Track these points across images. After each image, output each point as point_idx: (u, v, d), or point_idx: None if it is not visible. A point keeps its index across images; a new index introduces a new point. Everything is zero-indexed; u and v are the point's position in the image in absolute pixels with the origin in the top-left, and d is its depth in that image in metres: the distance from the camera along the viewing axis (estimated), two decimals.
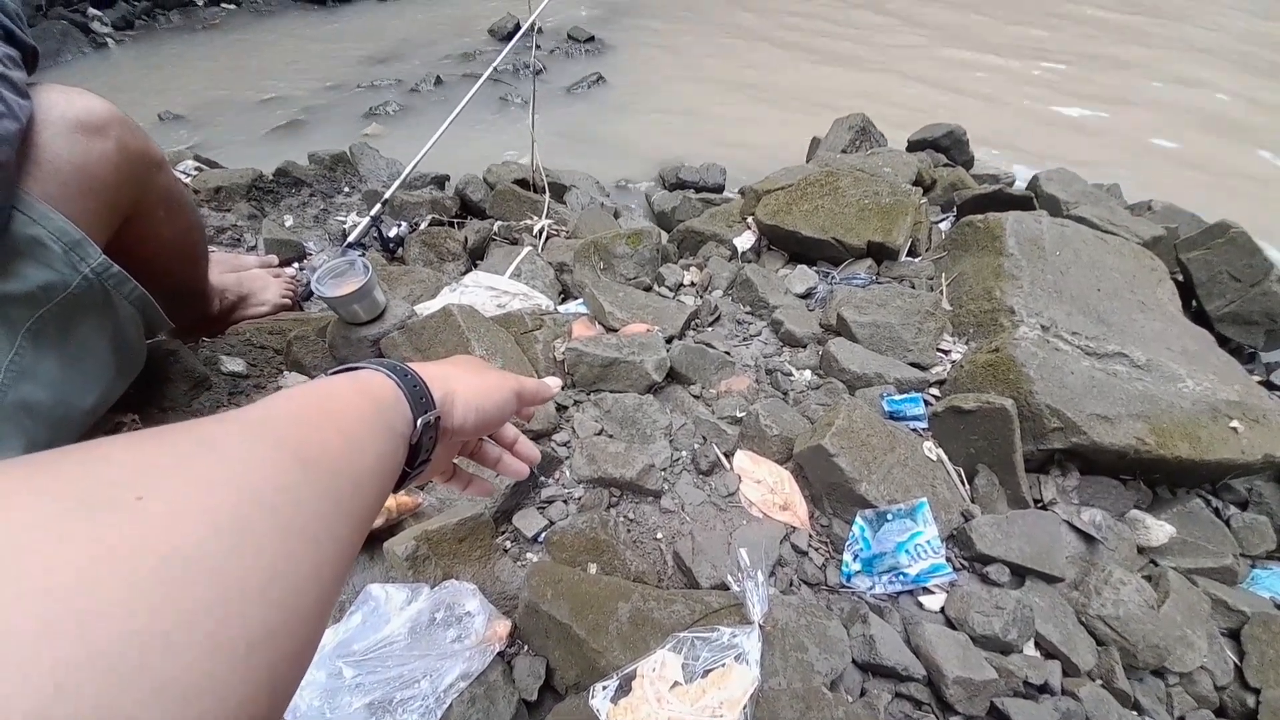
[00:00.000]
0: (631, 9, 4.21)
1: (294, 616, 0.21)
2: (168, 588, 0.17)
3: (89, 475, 0.19)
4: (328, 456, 0.26)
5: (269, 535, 0.21)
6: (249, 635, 0.19)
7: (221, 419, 0.25)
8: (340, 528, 0.25)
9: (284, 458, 0.24)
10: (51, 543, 0.16)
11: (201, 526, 0.19)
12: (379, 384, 0.34)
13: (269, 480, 0.22)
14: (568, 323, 1.16)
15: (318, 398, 0.30)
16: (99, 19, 4.12)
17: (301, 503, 0.23)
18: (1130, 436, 0.91)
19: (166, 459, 0.21)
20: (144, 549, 0.17)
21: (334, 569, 0.24)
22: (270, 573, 0.20)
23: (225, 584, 0.19)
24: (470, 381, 0.41)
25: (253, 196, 1.75)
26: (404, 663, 0.59)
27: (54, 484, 0.18)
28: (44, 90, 0.67)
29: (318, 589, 0.23)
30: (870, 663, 0.71)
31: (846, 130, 1.99)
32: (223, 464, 0.22)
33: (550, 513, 0.86)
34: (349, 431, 0.29)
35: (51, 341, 0.67)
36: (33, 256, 0.63)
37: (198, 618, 0.18)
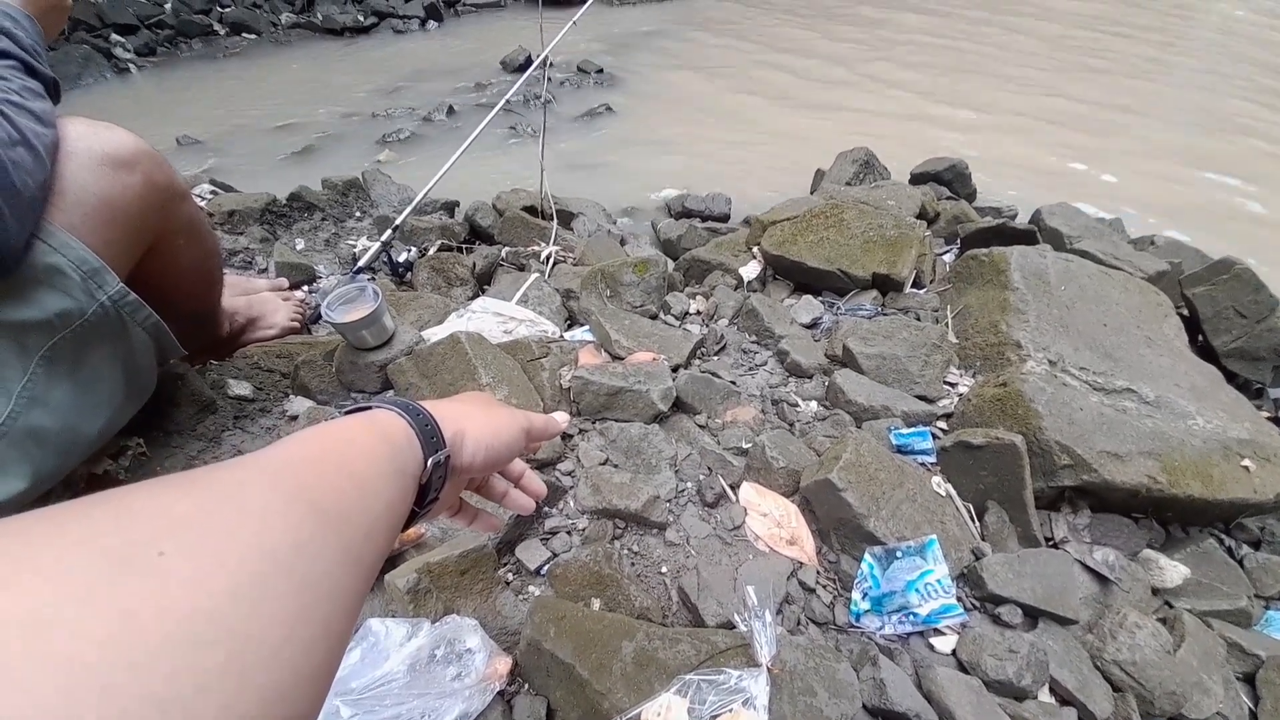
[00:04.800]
0: (639, 43, 4.33)
1: (305, 677, 0.21)
2: (187, 651, 0.17)
3: (113, 531, 0.19)
4: (342, 504, 0.26)
5: (285, 594, 0.21)
6: (263, 698, 0.19)
7: (241, 465, 0.25)
8: (351, 578, 0.25)
9: (300, 510, 0.24)
10: (76, 608, 0.16)
11: (221, 587, 0.19)
12: (392, 424, 0.34)
13: (286, 536, 0.23)
14: (574, 350, 1.16)
15: (333, 442, 0.30)
16: (122, 45, 4.25)
17: (316, 557, 0.23)
18: (1141, 474, 0.90)
19: (188, 511, 0.21)
20: (165, 611, 0.18)
21: (344, 623, 0.25)
22: (285, 633, 0.21)
23: (242, 647, 0.19)
24: (480, 419, 0.41)
25: (266, 220, 1.78)
26: (402, 701, 0.57)
27: (79, 542, 0.18)
28: (72, 122, 0.69)
29: (328, 645, 0.23)
30: (881, 708, 0.69)
31: (850, 163, 2.02)
32: (241, 518, 0.22)
33: (554, 544, 0.85)
34: (363, 477, 0.29)
35: (65, 369, 0.67)
36: (51, 284, 0.64)
37: (214, 681, 0.18)
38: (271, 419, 1.01)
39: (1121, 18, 4.71)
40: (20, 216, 0.61)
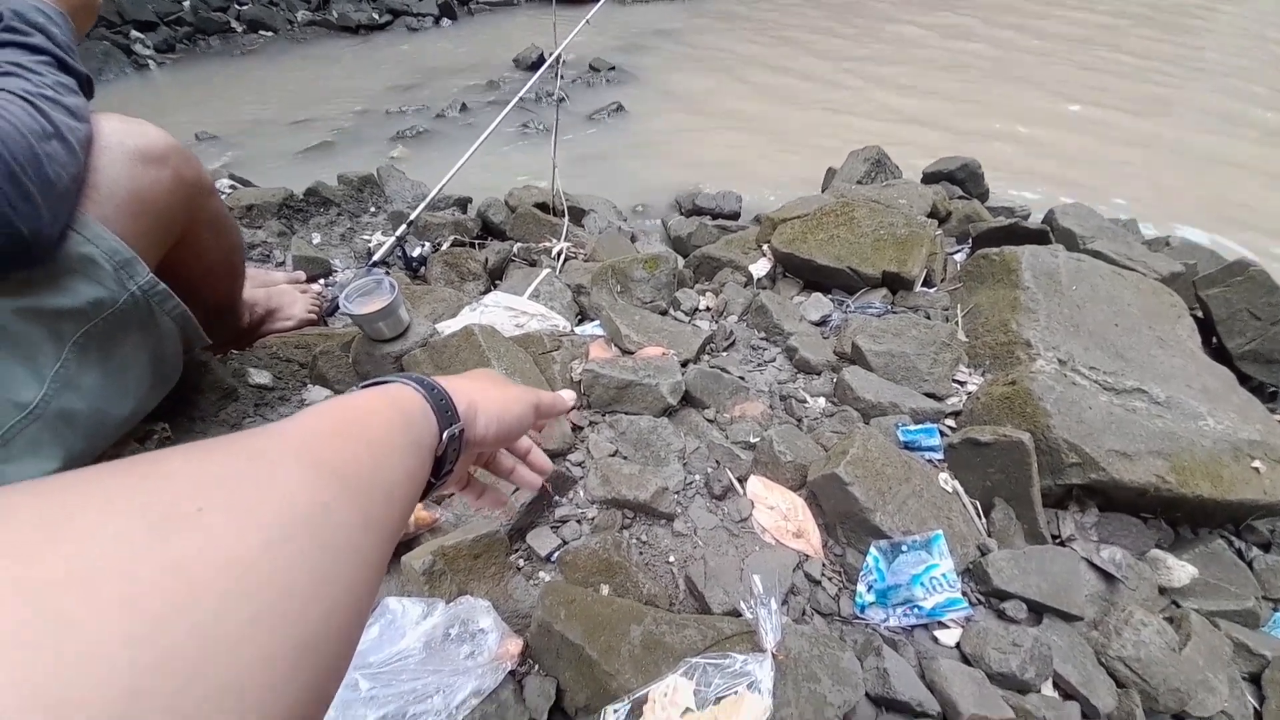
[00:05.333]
0: (652, 42, 4.33)
1: (334, 628, 0.22)
2: (227, 597, 0.19)
3: (153, 490, 0.20)
4: (362, 473, 0.27)
5: (312, 553, 0.22)
6: (296, 644, 0.20)
7: (265, 434, 0.26)
8: (373, 543, 0.26)
9: (324, 476, 0.25)
10: (126, 558, 0.18)
11: (255, 540, 0.20)
12: (408, 398, 0.35)
13: (311, 500, 0.23)
14: (585, 344, 1.18)
15: (352, 414, 0.31)
16: (141, 41, 4.32)
17: (339, 520, 0.24)
18: (1150, 474, 0.90)
19: (220, 473, 0.22)
20: (206, 563, 0.19)
21: (367, 584, 0.26)
22: (314, 586, 0.22)
23: (276, 599, 0.20)
24: (491, 394, 0.42)
25: (283, 214, 1.81)
26: (418, 677, 0.59)
27: (123, 499, 0.19)
28: (106, 118, 0.71)
29: (354, 602, 0.24)
30: (884, 696, 0.70)
31: (862, 162, 2.02)
32: (270, 480, 0.23)
33: (564, 532, 0.87)
34: (381, 448, 0.30)
35: (96, 355, 0.69)
36: (84, 273, 0.67)
37: (253, 626, 0.19)
38: (290, 407, 1.03)
39: (1143, 19, 4.65)
40: (54, 207, 0.63)
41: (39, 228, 0.62)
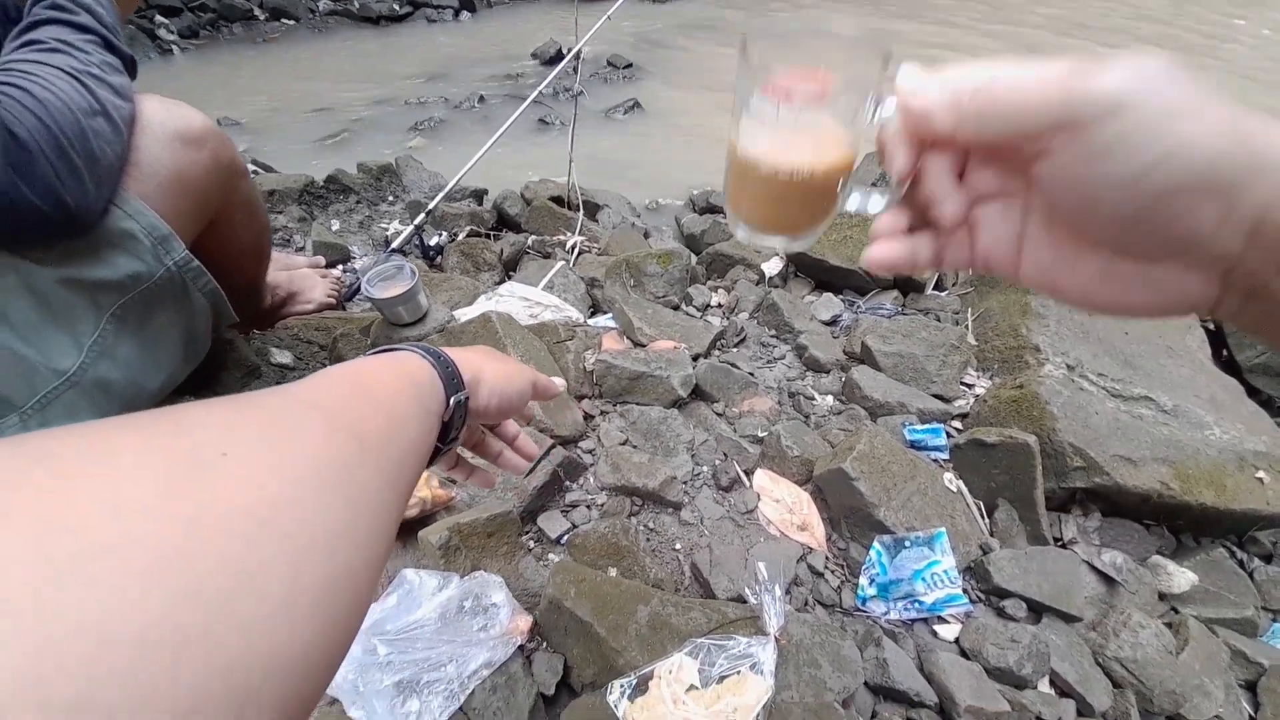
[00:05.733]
0: (669, 39, 4.34)
1: (352, 574, 0.23)
2: (254, 539, 0.19)
3: (180, 436, 0.21)
4: (375, 434, 0.27)
5: (334, 500, 0.23)
6: (318, 583, 0.21)
7: (284, 392, 0.26)
8: (388, 498, 0.27)
9: (341, 433, 0.25)
10: (157, 493, 0.18)
11: (278, 485, 0.21)
12: (417, 365, 0.35)
13: (331, 452, 0.24)
14: (598, 335, 1.20)
15: (365, 378, 0.31)
16: (166, 27, 4.38)
17: (357, 474, 0.25)
18: (1154, 480, 0.91)
19: (243, 424, 0.23)
20: (233, 504, 0.19)
21: (384, 536, 0.26)
22: (336, 532, 0.22)
23: (299, 537, 0.21)
24: (494, 367, 0.42)
25: (304, 200, 1.84)
26: (432, 646, 0.62)
27: (154, 442, 0.20)
28: (149, 100, 0.74)
29: (370, 552, 0.24)
30: (883, 685, 0.72)
31: (878, 165, 2.02)
32: (290, 434, 0.24)
33: (574, 516, 0.89)
34: (391, 411, 0.30)
35: (132, 327, 0.72)
36: (124, 248, 0.69)
37: (278, 563, 0.20)
38: None
39: (1166, 30, 4.61)
40: (98, 182, 0.66)
41: (84, 201, 0.64)
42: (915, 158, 0.28)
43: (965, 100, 0.26)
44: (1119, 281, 0.26)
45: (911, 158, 0.28)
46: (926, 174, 0.29)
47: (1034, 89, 0.24)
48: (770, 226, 0.35)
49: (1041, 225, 0.27)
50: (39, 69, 0.63)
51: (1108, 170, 0.23)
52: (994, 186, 0.28)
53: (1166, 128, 0.22)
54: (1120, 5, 4.84)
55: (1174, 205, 0.22)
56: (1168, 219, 0.23)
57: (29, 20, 0.67)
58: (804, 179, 0.32)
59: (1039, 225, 0.28)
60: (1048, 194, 0.26)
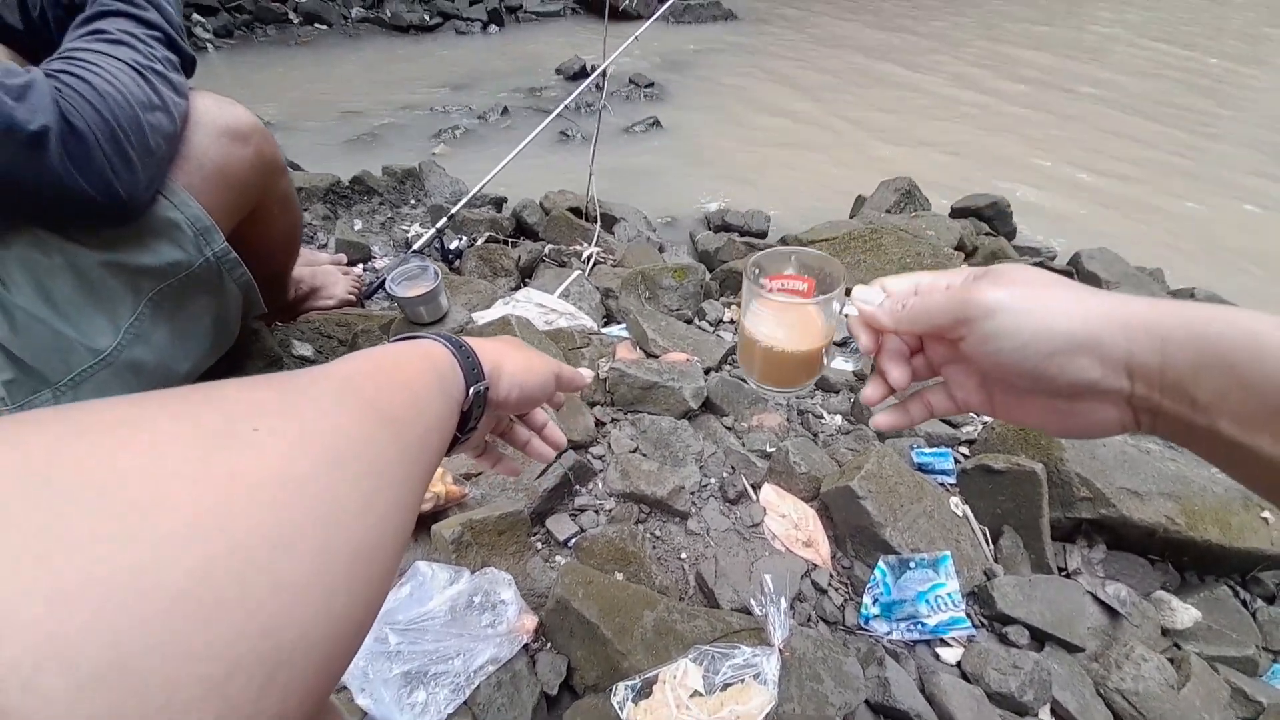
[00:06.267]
0: (691, 61, 4.43)
1: (379, 547, 0.23)
2: (284, 505, 0.20)
3: (211, 410, 0.21)
4: (401, 415, 0.28)
5: (361, 475, 0.23)
6: (347, 554, 0.21)
7: (310, 374, 0.27)
8: (411, 476, 0.27)
9: (367, 413, 0.26)
10: (191, 464, 0.19)
11: (308, 458, 0.22)
12: (438, 353, 0.36)
13: (355, 429, 0.25)
14: (612, 344, 1.22)
15: (389, 362, 0.32)
16: (202, 25, 4.50)
17: (383, 453, 0.25)
18: (1160, 514, 0.91)
19: (273, 401, 0.23)
20: (264, 475, 0.20)
21: (408, 513, 0.27)
22: (360, 506, 0.23)
23: (328, 511, 0.21)
24: (516, 358, 0.43)
25: (329, 199, 1.88)
26: (441, 639, 0.63)
27: (186, 414, 0.21)
28: (200, 95, 0.77)
29: (394, 527, 0.25)
30: (883, 704, 0.72)
31: (892, 192, 2.05)
32: (317, 410, 0.24)
33: (582, 520, 0.90)
34: (414, 394, 0.31)
35: (167, 312, 0.75)
36: (168, 236, 0.72)
37: (309, 532, 0.20)
38: None
39: (1190, 64, 4.66)
40: (150, 173, 0.69)
41: (135, 191, 0.67)
42: (874, 340, 0.41)
43: (899, 310, 0.38)
44: (1058, 414, 0.35)
45: (870, 340, 0.41)
46: (882, 353, 0.41)
47: (939, 300, 0.36)
48: (772, 383, 0.49)
49: (990, 379, 0.38)
50: (103, 60, 0.66)
51: (998, 347, 0.33)
52: (946, 355, 0.39)
53: (1029, 320, 0.32)
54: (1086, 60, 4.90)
55: (1054, 363, 0.32)
56: (1055, 373, 0.32)
57: (97, 9, 0.70)
58: (793, 353, 0.45)
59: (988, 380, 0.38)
60: (973, 361, 0.36)
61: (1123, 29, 5.30)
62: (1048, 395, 0.34)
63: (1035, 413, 0.36)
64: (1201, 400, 0.29)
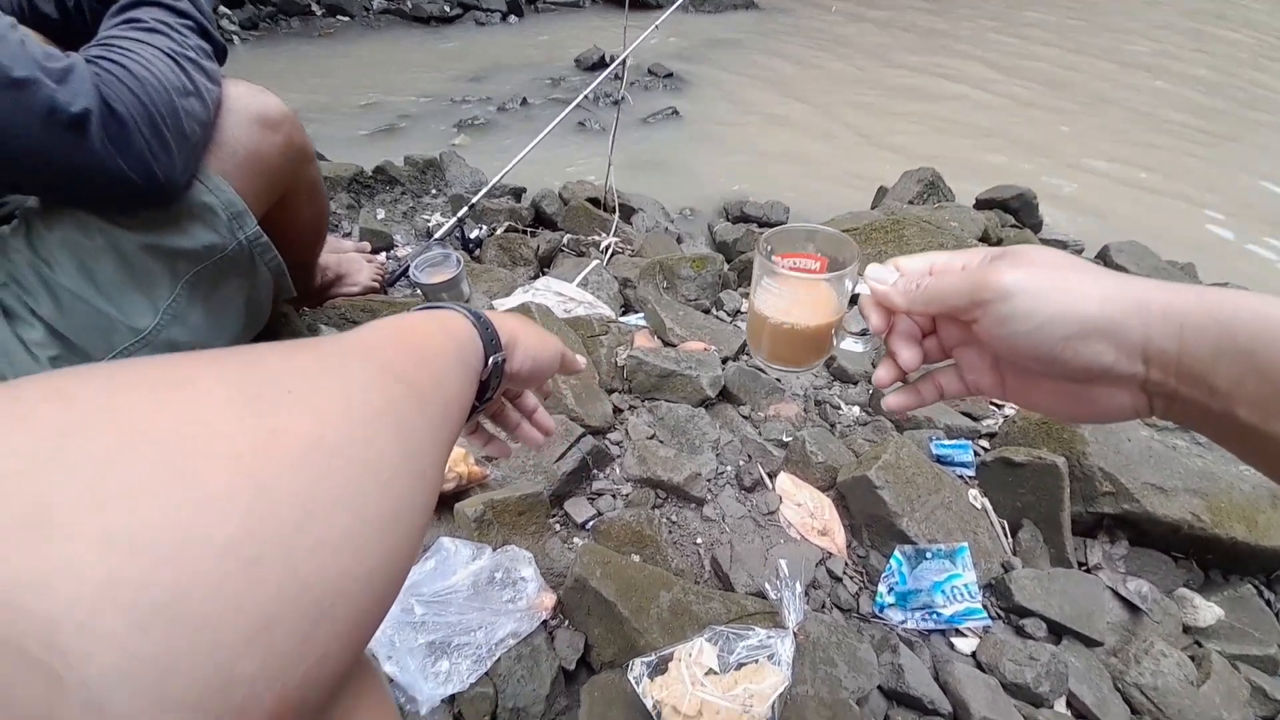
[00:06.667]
0: (710, 51, 4.39)
1: (409, 508, 0.24)
2: (319, 466, 0.20)
3: (251, 370, 0.22)
4: (422, 384, 0.28)
5: (390, 439, 0.24)
6: (381, 514, 0.22)
7: (337, 342, 0.27)
8: (436, 442, 0.28)
9: (390, 379, 0.26)
10: (231, 422, 0.19)
11: (340, 422, 0.22)
12: (458, 323, 0.36)
13: (383, 394, 0.25)
14: (630, 332, 1.22)
15: (410, 333, 0.32)
16: (228, 17, 4.57)
17: (409, 418, 0.26)
18: (1185, 510, 0.90)
19: (306, 366, 0.24)
20: (300, 435, 0.20)
21: (434, 478, 0.27)
22: (393, 468, 0.23)
23: (361, 473, 0.22)
24: (528, 333, 0.43)
25: (353, 189, 1.91)
26: (464, 612, 0.65)
27: (224, 376, 0.21)
28: (232, 83, 0.79)
29: (420, 491, 0.25)
30: (897, 691, 0.73)
31: (915, 182, 2.02)
32: (346, 376, 0.24)
33: (599, 504, 0.91)
34: (436, 364, 0.31)
35: (202, 294, 0.77)
36: (203, 219, 0.74)
37: (343, 492, 0.20)
38: None
39: (1225, 56, 4.50)
40: (185, 158, 0.71)
41: (172, 174, 0.69)
42: (885, 320, 0.40)
43: (912, 289, 0.37)
44: (1070, 398, 0.35)
45: (882, 320, 0.40)
46: (894, 334, 0.40)
47: (954, 281, 0.35)
48: (780, 360, 0.49)
49: (1002, 363, 0.38)
50: (140, 47, 0.68)
51: (1012, 330, 0.33)
52: (958, 337, 0.39)
53: (1045, 302, 0.32)
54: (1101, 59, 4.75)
55: (1069, 347, 0.32)
56: (1070, 357, 0.32)
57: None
58: (801, 330, 0.45)
59: (1000, 363, 0.38)
60: (986, 344, 0.36)
61: (1154, 21, 5.13)
62: (1061, 379, 0.34)
63: (1047, 396, 0.36)
64: (1219, 387, 0.29)
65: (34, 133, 0.59)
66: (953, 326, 0.39)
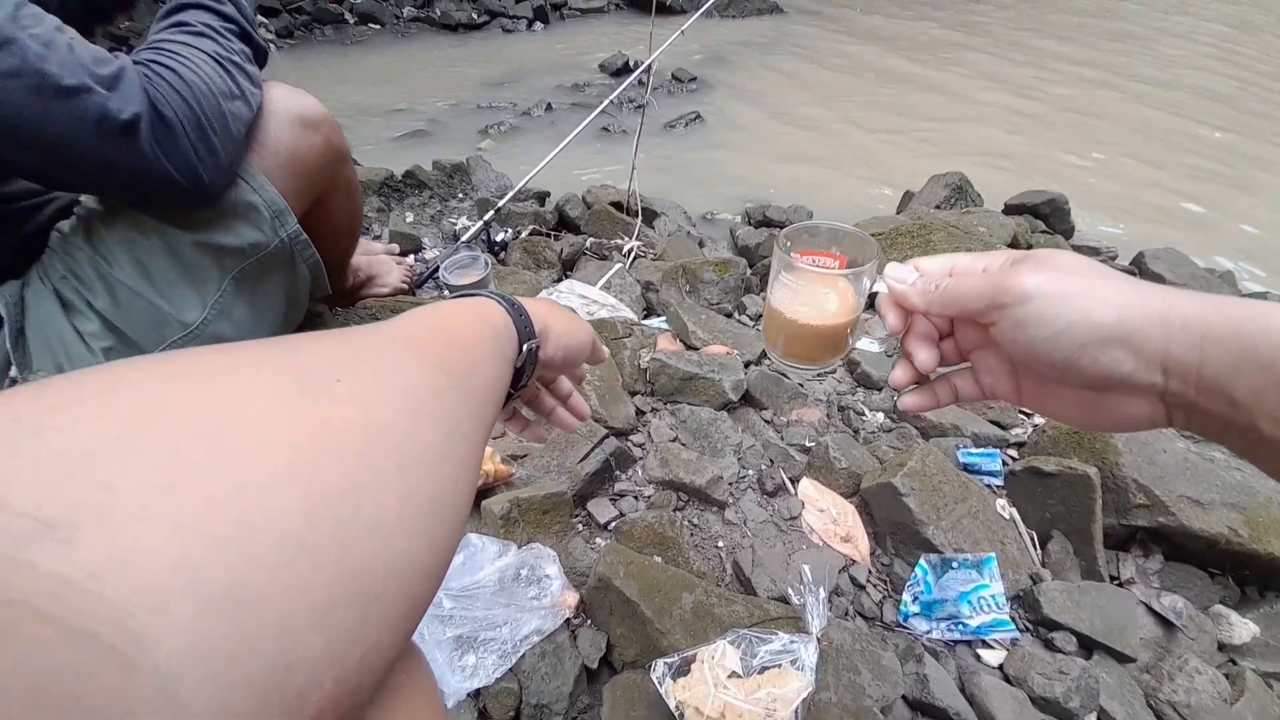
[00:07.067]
0: (734, 56, 4.39)
1: (454, 494, 0.24)
2: (366, 452, 0.21)
3: (298, 360, 0.22)
4: (461, 372, 0.29)
5: (434, 426, 0.24)
6: (429, 499, 0.22)
7: (377, 330, 0.28)
8: (475, 430, 0.28)
9: (432, 368, 0.27)
10: (280, 408, 0.20)
11: (382, 410, 0.22)
12: (493, 311, 0.37)
13: (426, 383, 0.25)
14: (653, 335, 1.23)
15: (448, 322, 0.32)
16: (265, 26, 4.71)
17: (450, 405, 0.26)
18: (1222, 525, 0.87)
19: (348, 355, 0.24)
20: (349, 423, 0.21)
21: (474, 465, 0.28)
22: (438, 454, 0.24)
23: (407, 459, 0.22)
24: (561, 319, 0.44)
25: (383, 193, 1.96)
26: (490, 607, 0.66)
27: (275, 363, 0.21)
28: (274, 86, 0.82)
29: (462, 477, 0.26)
30: (921, 700, 0.72)
31: (942, 187, 2.00)
32: (389, 365, 0.25)
33: (622, 505, 0.92)
34: (474, 352, 0.32)
35: (247, 290, 0.80)
36: (247, 218, 0.77)
37: (390, 479, 0.21)
38: None
39: (1267, 60, 4.36)
40: (230, 158, 0.74)
41: (217, 176, 0.72)
42: (903, 320, 0.40)
43: (931, 290, 0.37)
44: (1086, 406, 0.34)
45: (899, 320, 0.40)
46: (910, 335, 0.40)
47: (974, 283, 0.35)
48: (795, 358, 0.48)
49: (1019, 368, 0.37)
50: (188, 51, 0.69)
51: (1031, 335, 0.32)
52: (976, 341, 0.39)
53: (1065, 308, 0.31)
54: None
55: (1087, 354, 0.31)
56: (1087, 364, 0.31)
57: (178, 1, 0.75)
58: (817, 327, 0.45)
59: (1017, 368, 0.37)
60: (1003, 348, 0.35)
61: (1198, 20, 4.99)
62: (1078, 386, 0.33)
63: (1063, 403, 0.35)
64: (1240, 400, 0.28)
65: (86, 139, 0.61)
66: (970, 329, 0.39)
